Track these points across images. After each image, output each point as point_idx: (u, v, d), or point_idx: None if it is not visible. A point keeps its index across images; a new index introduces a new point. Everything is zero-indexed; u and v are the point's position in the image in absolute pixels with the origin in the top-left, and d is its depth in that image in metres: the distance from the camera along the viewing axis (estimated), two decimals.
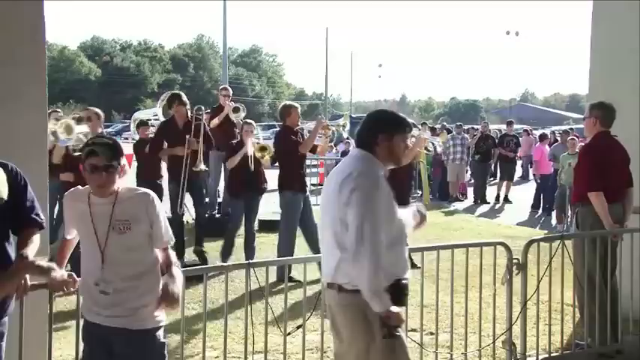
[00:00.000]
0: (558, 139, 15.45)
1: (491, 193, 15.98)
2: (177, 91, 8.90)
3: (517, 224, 12.62)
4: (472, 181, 16.96)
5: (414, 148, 8.26)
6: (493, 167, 17.26)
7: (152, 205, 3.12)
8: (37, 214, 3.14)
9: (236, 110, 10.37)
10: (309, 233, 7.55)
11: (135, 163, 9.77)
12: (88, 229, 3.08)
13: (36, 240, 3.10)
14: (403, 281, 3.24)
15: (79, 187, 3.22)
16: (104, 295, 3.04)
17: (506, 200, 15.51)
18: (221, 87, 11.05)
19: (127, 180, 3.37)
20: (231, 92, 10.74)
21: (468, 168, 17.08)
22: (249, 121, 8.60)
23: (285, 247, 7.49)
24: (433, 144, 8.66)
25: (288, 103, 8.21)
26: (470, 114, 79.64)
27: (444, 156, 15.66)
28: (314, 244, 7.31)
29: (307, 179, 8.61)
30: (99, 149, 3.04)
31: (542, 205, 14.11)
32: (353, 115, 29.36)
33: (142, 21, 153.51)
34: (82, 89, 63.08)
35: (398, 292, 3.19)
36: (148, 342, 3.11)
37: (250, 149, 7.92)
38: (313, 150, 7.95)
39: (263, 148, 7.94)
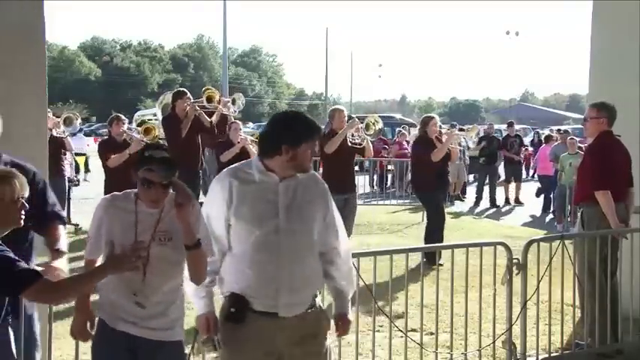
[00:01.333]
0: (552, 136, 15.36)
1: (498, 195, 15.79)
2: (181, 88, 9.05)
3: (521, 225, 12.65)
4: (473, 181, 16.89)
5: (445, 145, 8.23)
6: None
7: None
8: (59, 210, 3.45)
9: (233, 102, 10.29)
10: None
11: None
12: (127, 238, 2.91)
13: (63, 233, 3.37)
14: (239, 298, 2.94)
15: (117, 193, 3.08)
16: (138, 308, 2.94)
17: (517, 202, 15.29)
18: (204, 88, 10.90)
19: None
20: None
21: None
22: (235, 121, 8.83)
23: None
24: (465, 139, 8.69)
25: (335, 107, 8.40)
26: (470, 114, 79.64)
27: None
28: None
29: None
30: (156, 167, 2.87)
31: (543, 205, 14.08)
32: (353, 116, 29.25)
33: (142, 21, 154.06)
34: (82, 89, 63.09)
35: (228, 306, 2.97)
36: (179, 353, 3.09)
37: (239, 147, 8.19)
38: (362, 152, 7.97)
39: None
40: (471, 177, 18.31)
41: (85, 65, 69.21)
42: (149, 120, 10.60)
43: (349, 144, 7.77)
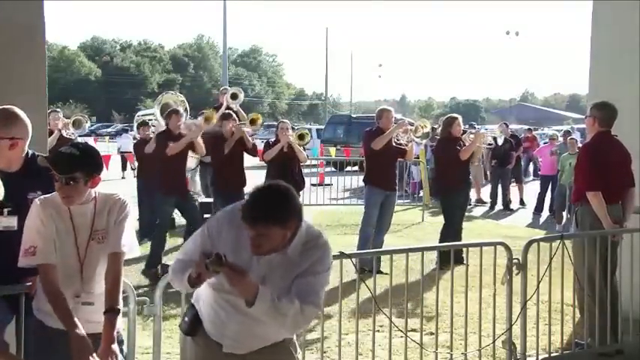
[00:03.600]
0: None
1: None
2: (227, 111, 8.94)
3: (521, 225, 12.64)
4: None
5: (472, 144, 8.19)
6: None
7: (123, 208, 3.04)
8: None
9: (234, 97, 10.26)
10: (379, 230, 7.98)
11: (135, 163, 9.79)
12: (67, 240, 2.95)
13: None
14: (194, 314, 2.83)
15: (47, 195, 3.00)
16: (88, 306, 2.95)
17: (522, 204, 14.98)
18: (222, 88, 11.10)
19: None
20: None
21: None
22: (284, 120, 9.14)
23: (362, 242, 7.83)
24: (495, 138, 8.52)
25: (382, 107, 8.46)
26: (470, 114, 79.51)
27: None
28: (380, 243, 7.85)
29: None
30: (58, 159, 2.87)
31: (535, 206, 14.01)
32: (353, 115, 29.24)
33: (142, 21, 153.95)
34: (82, 89, 63.21)
35: (183, 315, 2.94)
36: (119, 342, 3.07)
37: (286, 145, 8.35)
38: (404, 154, 8.16)
39: (301, 136, 8.55)
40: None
41: (85, 65, 69.29)
42: (149, 120, 10.62)
43: (394, 144, 7.99)
